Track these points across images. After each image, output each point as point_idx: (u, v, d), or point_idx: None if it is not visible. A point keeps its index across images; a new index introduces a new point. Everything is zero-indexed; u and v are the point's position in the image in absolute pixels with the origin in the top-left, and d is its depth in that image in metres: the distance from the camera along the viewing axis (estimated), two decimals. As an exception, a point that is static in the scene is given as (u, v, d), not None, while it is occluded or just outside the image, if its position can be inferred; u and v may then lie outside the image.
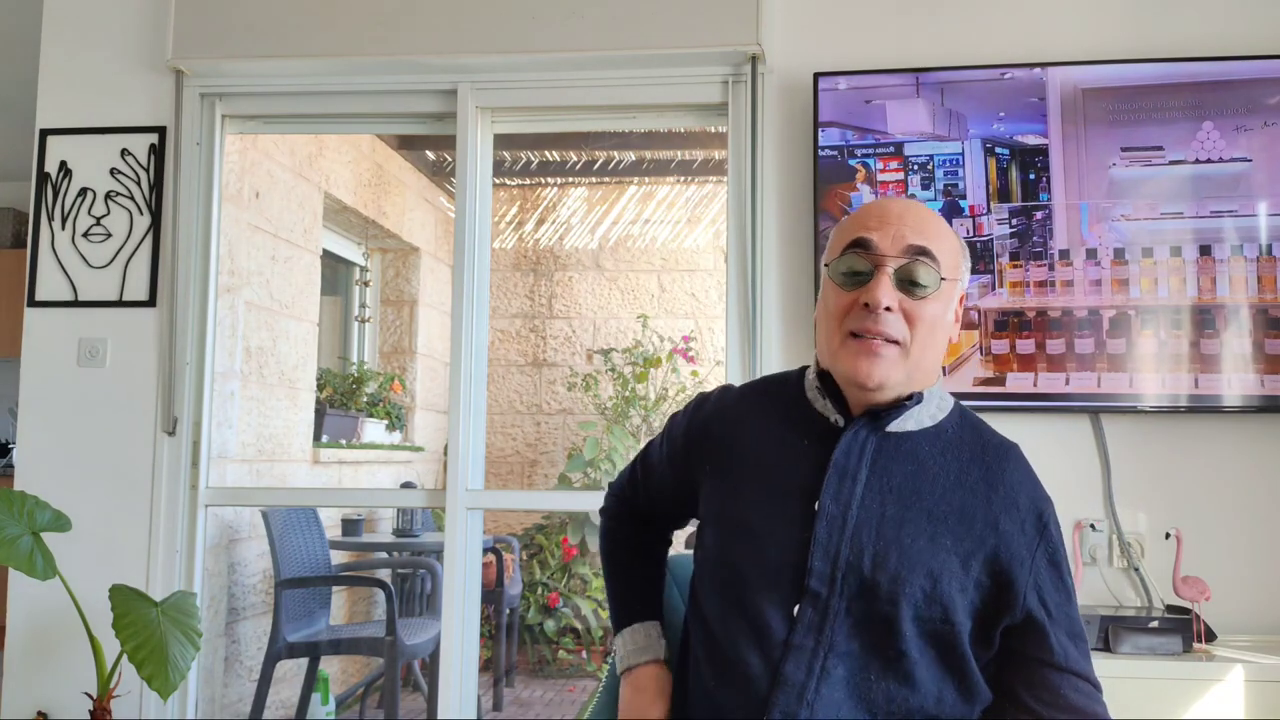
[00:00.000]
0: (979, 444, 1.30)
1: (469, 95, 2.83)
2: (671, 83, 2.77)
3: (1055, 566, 1.26)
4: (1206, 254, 2.49)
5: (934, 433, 1.29)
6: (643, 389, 5.53)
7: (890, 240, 1.24)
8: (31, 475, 2.85)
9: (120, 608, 2.38)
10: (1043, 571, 1.25)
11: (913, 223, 1.26)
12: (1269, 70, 2.50)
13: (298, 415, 4.23)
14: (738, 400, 1.40)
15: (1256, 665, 2.17)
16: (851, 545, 1.22)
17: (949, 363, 2.55)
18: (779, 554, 1.24)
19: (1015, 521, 1.25)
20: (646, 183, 6.05)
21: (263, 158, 3.92)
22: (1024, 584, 1.24)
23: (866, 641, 1.22)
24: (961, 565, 1.23)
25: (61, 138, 2.92)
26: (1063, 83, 2.56)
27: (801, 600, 1.22)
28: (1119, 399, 2.49)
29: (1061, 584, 1.26)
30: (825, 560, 1.22)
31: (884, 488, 1.25)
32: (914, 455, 1.27)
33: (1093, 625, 2.28)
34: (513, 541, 5.23)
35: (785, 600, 1.23)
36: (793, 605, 1.23)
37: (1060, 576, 1.26)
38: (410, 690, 4.53)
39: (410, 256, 5.71)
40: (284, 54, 2.82)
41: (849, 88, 2.64)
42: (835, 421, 1.29)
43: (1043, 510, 1.28)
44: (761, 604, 1.24)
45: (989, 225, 2.57)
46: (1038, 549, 1.25)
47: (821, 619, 1.21)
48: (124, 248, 2.88)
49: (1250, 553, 2.50)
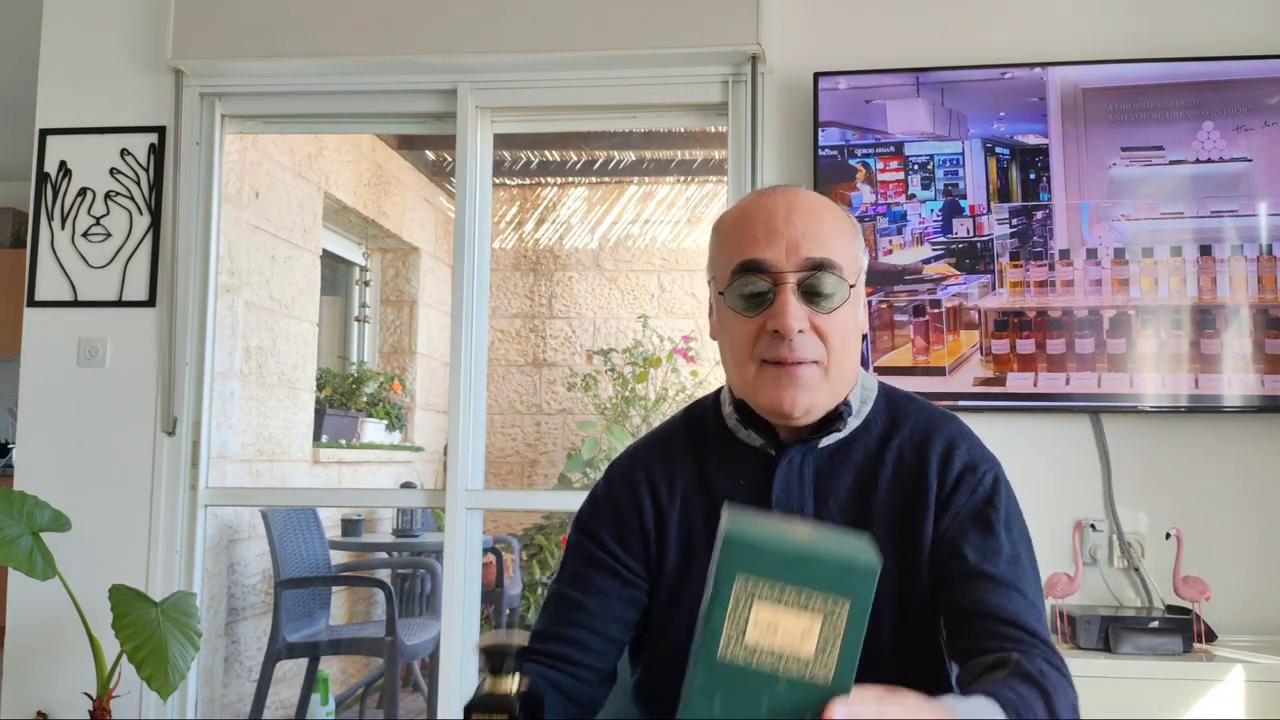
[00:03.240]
0: (910, 429, 1.21)
1: (469, 95, 2.83)
2: (671, 82, 2.77)
3: (979, 520, 1.14)
4: (1207, 254, 2.49)
5: (863, 430, 1.21)
6: (642, 389, 5.53)
7: (784, 254, 1.13)
8: (31, 475, 2.84)
9: (120, 608, 2.38)
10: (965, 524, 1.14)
11: (802, 226, 1.14)
12: (1269, 70, 2.49)
13: (297, 415, 4.23)
14: (639, 467, 1.26)
15: (1256, 665, 2.17)
16: None
17: (950, 363, 2.55)
18: None
19: (947, 488, 1.16)
20: (646, 183, 6.05)
21: (263, 158, 3.92)
22: (929, 538, 1.14)
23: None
24: (917, 567, 1.14)
25: (61, 138, 2.92)
26: (1063, 83, 2.56)
27: None
28: (1119, 399, 2.49)
29: (989, 536, 1.13)
30: None
31: (831, 511, 1.17)
32: (851, 464, 1.19)
33: (1093, 625, 2.28)
34: (513, 541, 5.23)
35: None
36: None
37: (988, 529, 1.14)
38: (410, 690, 4.53)
39: (410, 256, 5.71)
40: (284, 54, 2.82)
41: (849, 87, 2.64)
42: (766, 450, 1.20)
43: (969, 467, 1.18)
44: None
45: (989, 225, 2.57)
46: (952, 497, 1.15)
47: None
48: (124, 248, 2.88)
49: (1250, 553, 2.50)
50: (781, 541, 0.74)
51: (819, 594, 0.72)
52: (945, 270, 2.57)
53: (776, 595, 0.72)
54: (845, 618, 0.72)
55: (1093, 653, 2.26)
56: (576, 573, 1.23)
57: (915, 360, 2.56)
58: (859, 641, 0.72)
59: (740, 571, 0.73)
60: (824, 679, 0.72)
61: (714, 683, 0.73)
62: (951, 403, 2.48)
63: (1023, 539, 1.17)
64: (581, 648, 1.20)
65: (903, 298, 2.57)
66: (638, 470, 1.26)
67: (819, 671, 0.72)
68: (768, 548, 0.73)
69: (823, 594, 0.72)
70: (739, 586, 0.73)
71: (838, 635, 0.72)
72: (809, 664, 0.72)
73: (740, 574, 0.73)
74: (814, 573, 0.72)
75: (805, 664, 0.72)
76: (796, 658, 0.72)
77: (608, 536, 1.23)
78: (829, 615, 0.72)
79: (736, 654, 0.72)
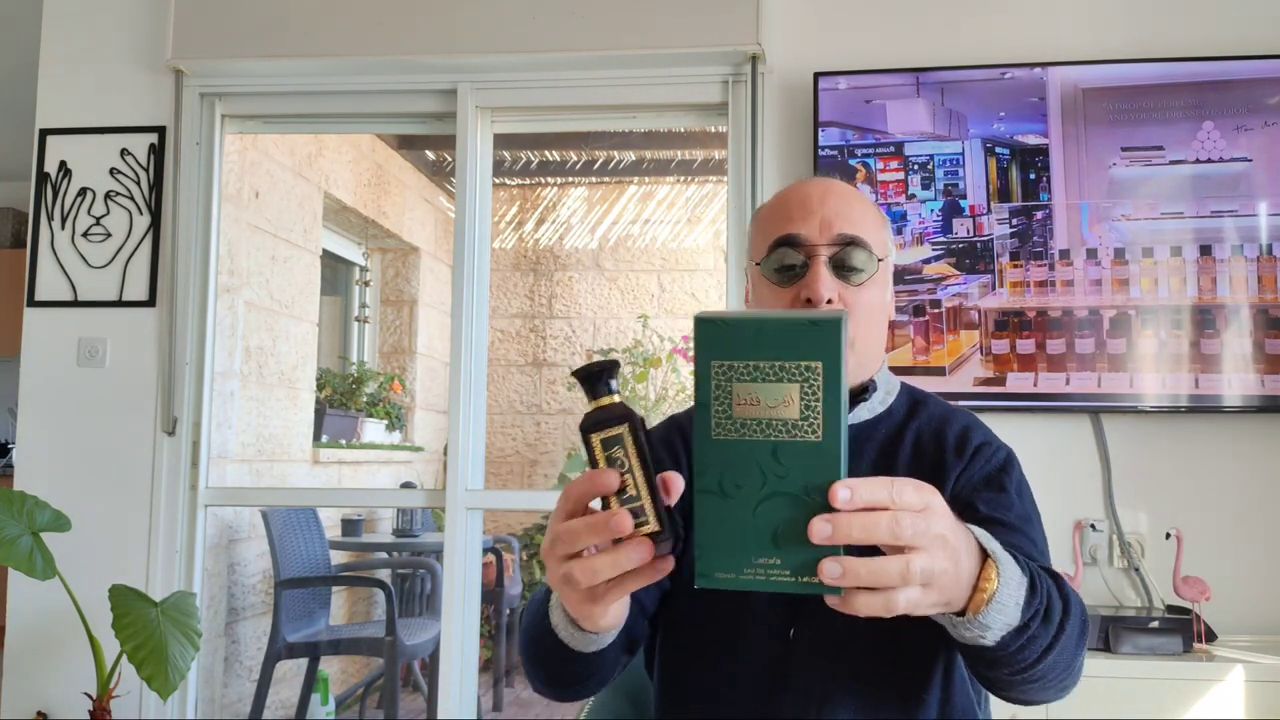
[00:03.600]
0: (928, 415, 1.26)
1: (469, 95, 2.83)
2: (671, 83, 2.77)
3: (991, 483, 1.17)
4: (1207, 254, 2.49)
5: (887, 416, 1.26)
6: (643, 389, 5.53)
7: (818, 229, 1.20)
8: (31, 475, 2.84)
9: (120, 608, 2.38)
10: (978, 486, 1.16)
11: (835, 206, 1.21)
12: (1269, 70, 2.49)
13: (297, 415, 4.23)
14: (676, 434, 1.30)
15: (1256, 665, 2.17)
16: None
17: (950, 363, 2.55)
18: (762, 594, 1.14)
19: (964, 460, 1.19)
20: (646, 183, 6.05)
21: (263, 158, 3.92)
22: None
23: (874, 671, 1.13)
24: None
25: (61, 138, 2.92)
26: (1063, 83, 2.56)
27: (797, 622, 1.15)
28: (1119, 399, 2.49)
29: (1002, 494, 1.16)
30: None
31: None
32: (874, 443, 1.23)
33: (1093, 625, 2.28)
34: (513, 541, 5.23)
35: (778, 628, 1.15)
36: (788, 629, 1.15)
37: (1001, 489, 1.17)
38: (410, 690, 4.53)
39: (410, 256, 5.71)
40: (284, 54, 2.82)
41: (849, 88, 2.64)
42: None
43: (985, 443, 1.21)
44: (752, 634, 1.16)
45: (989, 225, 2.57)
46: (968, 468, 1.18)
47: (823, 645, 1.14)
48: (124, 248, 2.88)
49: (1250, 553, 2.50)
50: (745, 321, 0.75)
51: (790, 362, 0.73)
52: (945, 270, 2.57)
53: (751, 372, 0.74)
54: (820, 379, 0.73)
55: (1093, 653, 2.26)
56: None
57: (915, 360, 2.56)
58: (841, 400, 0.73)
59: (714, 358, 0.74)
60: (814, 439, 0.73)
61: (712, 463, 0.74)
62: (951, 403, 2.48)
63: (1034, 510, 1.19)
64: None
65: (903, 298, 2.57)
66: (676, 436, 1.29)
67: (808, 434, 0.73)
68: (734, 330, 0.74)
69: (793, 361, 0.73)
70: (716, 371, 0.74)
71: (817, 397, 0.73)
72: (796, 427, 0.73)
73: (715, 360, 0.74)
74: (780, 342, 0.73)
75: (792, 428, 0.73)
76: (782, 423, 0.73)
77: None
78: (805, 380, 0.73)
79: (727, 431, 0.74)
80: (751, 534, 0.74)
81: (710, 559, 0.75)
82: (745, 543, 0.74)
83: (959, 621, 0.85)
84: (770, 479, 0.74)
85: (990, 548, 0.84)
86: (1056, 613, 0.91)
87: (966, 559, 0.80)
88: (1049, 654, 0.91)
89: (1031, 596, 0.88)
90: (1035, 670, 0.92)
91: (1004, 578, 0.85)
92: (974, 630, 0.85)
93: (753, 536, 0.74)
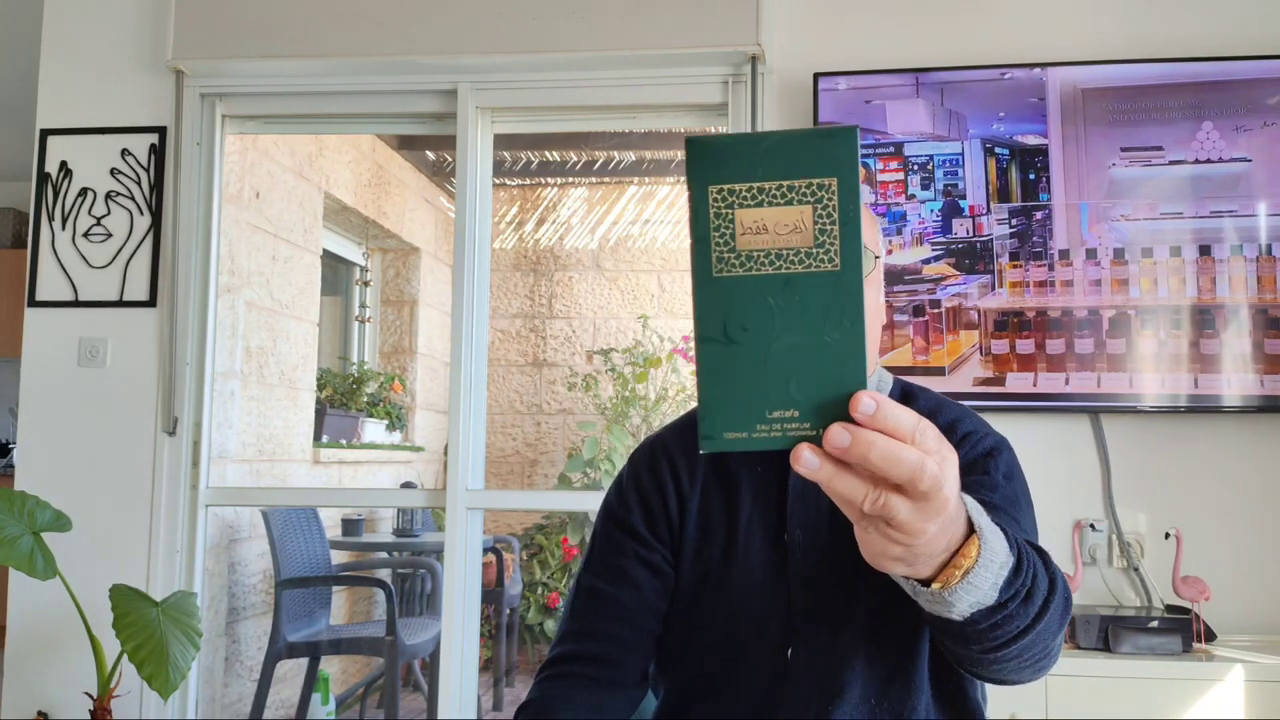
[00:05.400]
0: (918, 408, 1.21)
1: (469, 95, 2.83)
2: (671, 83, 2.77)
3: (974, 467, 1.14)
4: (1206, 254, 2.49)
5: None
6: (643, 389, 5.53)
7: None
8: (31, 475, 2.85)
9: (120, 608, 2.38)
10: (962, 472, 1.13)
11: None
12: (1269, 70, 2.50)
13: (298, 415, 4.23)
14: (662, 454, 1.26)
15: (1256, 665, 2.17)
16: (835, 570, 1.13)
17: (949, 363, 2.56)
18: (762, 603, 1.15)
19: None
20: (646, 183, 6.05)
21: (263, 158, 3.92)
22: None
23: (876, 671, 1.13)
24: None
25: (62, 138, 2.92)
26: (1063, 83, 2.56)
27: (793, 641, 1.14)
28: (1119, 399, 2.49)
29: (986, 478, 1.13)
30: (809, 593, 1.14)
31: None
32: None
33: (1092, 625, 2.28)
34: (513, 541, 5.23)
35: (774, 647, 1.14)
36: (785, 649, 1.14)
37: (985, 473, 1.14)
38: (410, 690, 4.53)
39: (410, 256, 5.71)
40: (284, 54, 2.82)
41: (849, 88, 2.64)
42: None
43: (971, 431, 1.19)
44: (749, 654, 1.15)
45: (989, 225, 2.57)
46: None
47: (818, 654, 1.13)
48: (124, 248, 2.88)
49: (1250, 553, 2.50)
50: (745, 140, 0.65)
51: (800, 180, 0.64)
52: (945, 270, 2.58)
53: (755, 196, 0.64)
54: (835, 198, 0.63)
55: (1092, 652, 2.26)
56: (607, 564, 1.22)
57: (915, 360, 2.56)
58: (857, 219, 0.64)
59: (712, 182, 0.65)
60: (831, 268, 0.64)
61: (715, 306, 0.64)
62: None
63: (1025, 497, 1.16)
64: (620, 644, 1.19)
65: (902, 298, 2.57)
66: (660, 456, 1.26)
67: (823, 263, 0.64)
68: (734, 149, 0.65)
69: (804, 179, 0.64)
70: (715, 198, 0.65)
71: (833, 219, 0.64)
72: (810, 255, 0.64)
73: (712, 185, 0.65)
74: (788, 159, 0.64)
75: (805, 257, 0.64)
76: (794, 251, 0.64)
77: (638, 521, 1.23)
78: (818, 200, 0.64)
79: (731, 266, 0.64)
80: (765, 384, 0.64)
81: (716, 418, 0.64)
82: (758, 394, 0.64)
83: (923, 592, 0.80)
84: (783, 318, 0.64)
85: (979, 523, 0.79)
86: (1040, 594, 0.87)
87: (953, 526, 0.74)
88: (1025, 634, 0.87)
89: (1014, 577, 0.83)
90: (1009, 650, 0.88)
91: (984, 558, 0.78)
92: (937, 605, 0.80)
93: (767, 386, 0.64)
